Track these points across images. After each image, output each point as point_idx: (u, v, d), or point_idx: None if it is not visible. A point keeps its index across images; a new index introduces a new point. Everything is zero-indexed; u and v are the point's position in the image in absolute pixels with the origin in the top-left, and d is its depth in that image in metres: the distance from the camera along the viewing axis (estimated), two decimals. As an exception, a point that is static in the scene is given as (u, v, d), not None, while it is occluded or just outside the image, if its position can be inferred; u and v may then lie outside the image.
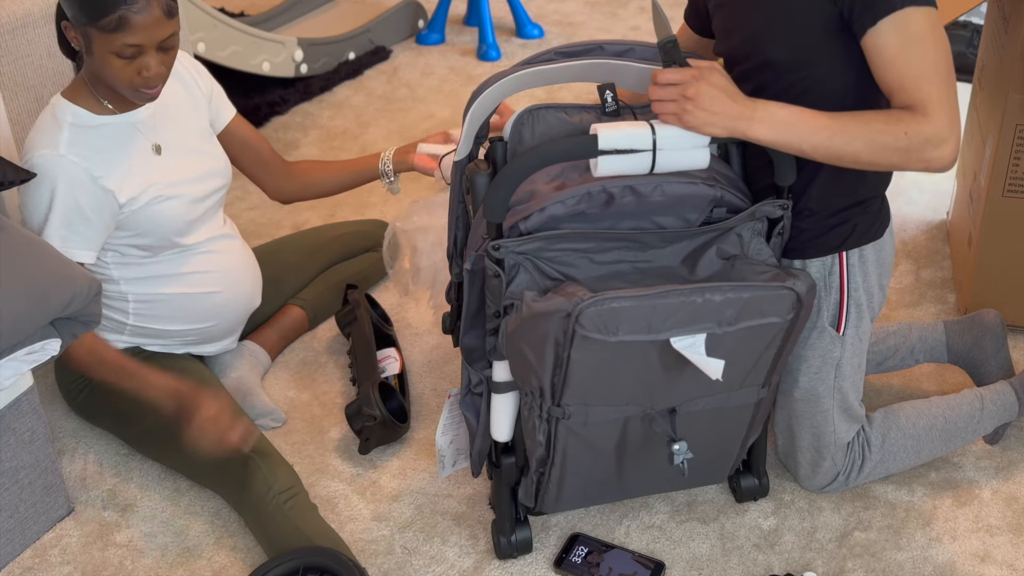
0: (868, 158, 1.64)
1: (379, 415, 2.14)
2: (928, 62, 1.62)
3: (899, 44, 1.62)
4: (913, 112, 1.62)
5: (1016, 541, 1.99)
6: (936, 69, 1.62)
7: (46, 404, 2.34)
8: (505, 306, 1.68)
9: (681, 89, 1.61)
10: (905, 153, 1.63)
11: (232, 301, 2.25)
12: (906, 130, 1.62)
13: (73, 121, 1.98)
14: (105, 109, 2.01)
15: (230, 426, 1.95)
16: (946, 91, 1.63)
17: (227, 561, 2.00)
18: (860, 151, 1.63)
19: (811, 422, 1.98)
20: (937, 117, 1.62)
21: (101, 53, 1.89)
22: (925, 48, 1.62)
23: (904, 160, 1.64)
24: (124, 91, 1.95)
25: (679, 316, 1.60)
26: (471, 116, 1.74)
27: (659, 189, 1.66)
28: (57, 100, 2.00)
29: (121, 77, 1.91)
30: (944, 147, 1.63)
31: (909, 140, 1.62)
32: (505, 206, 1.62)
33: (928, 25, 1.62)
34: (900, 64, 1.63)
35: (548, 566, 1.96)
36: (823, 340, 1.91)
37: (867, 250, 1.88)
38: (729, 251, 1.73)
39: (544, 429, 1.75)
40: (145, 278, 2.13)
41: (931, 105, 1.61)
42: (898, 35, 1.62)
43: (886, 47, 1.63)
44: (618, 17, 4.45)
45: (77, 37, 1.91)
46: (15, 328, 1.74)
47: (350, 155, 3.39)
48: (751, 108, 1.63)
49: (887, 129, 1.62)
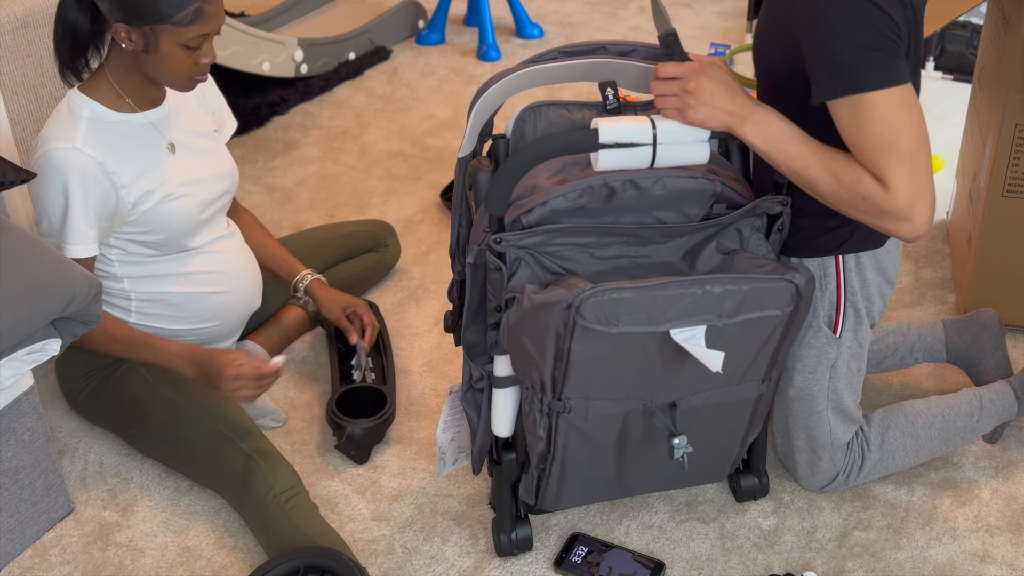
0: (832, 203, 1.64)
1: (348, 431, 2.15)
2: (885, 141, 1.55)
3: (854, 124, 1.57)
4: (875, 180, 1.58)
5: (1016, 541, 2.00)
6: (895, 148, 1.55)
7: (46, 404, 2.34)
8: (506, 300, 1.68)
9: (682, 83, 1.62)
10: (864, 215, 1.61)
11: (233, 302, 2.25)
12: (865, 195, 1.59)
13: (90, 116, 1.99)
14: (125, 106, 2.03)
15: (257, 367, 1.99)
16: (909, 170, 1.56)
17: (227, 561, 2.00)
18: (826, 194, 1.63)
19: (805, 422, 1.98)
20: (896, 195, 1.56)
21: (169, 47, 1.92)
22: (883, 127, 1.55)
23: (863, 220, 1.62)
24: (178, 82, 2.00)
25: (679, 307, 1.60)
26: (475, 114, 1.74)
27: (660, 183, 1.67)
28: (74, 94, 2.01)
29: (183, 68, 1.96)
30: (903, 223, 1.58)
31: (867, 205, 1.59)
32: (507, 200, 1.63)
33: (887, 106, 1.54)
34: (856, 139, 1.58)
35: (548, 566, 1.96)
36: (818, 340, 1.91)
37: (864, 258, 1.88)
38: (729, 246, 1.74)
39: (545, 424, 1.75)
40: (148, 276, 2.13)
41: (891, 181, 1.56)
42: (852, 114, 1.57)
43: (841, 121, 1.59)
44: (618, 17, 4.46)
45: (135, 37, 1.92)
46: (15, 328, 1.74)
47: (350, 155, 3.39)
48: (749, 109, 1.63)
49: (849, 187, 1.59)
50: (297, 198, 3.15)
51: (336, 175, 3.28)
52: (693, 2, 4.62)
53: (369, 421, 2.18)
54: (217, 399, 2.12)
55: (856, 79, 1.55)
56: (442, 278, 2.78)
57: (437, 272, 2.81)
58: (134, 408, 2.14)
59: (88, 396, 2.21)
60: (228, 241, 2.25)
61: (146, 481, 2.17)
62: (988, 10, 2.57)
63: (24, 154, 2.55)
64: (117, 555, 2.02)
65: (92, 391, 2.20)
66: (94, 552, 2.03)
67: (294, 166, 3.33)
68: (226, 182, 2.20)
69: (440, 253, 2.88)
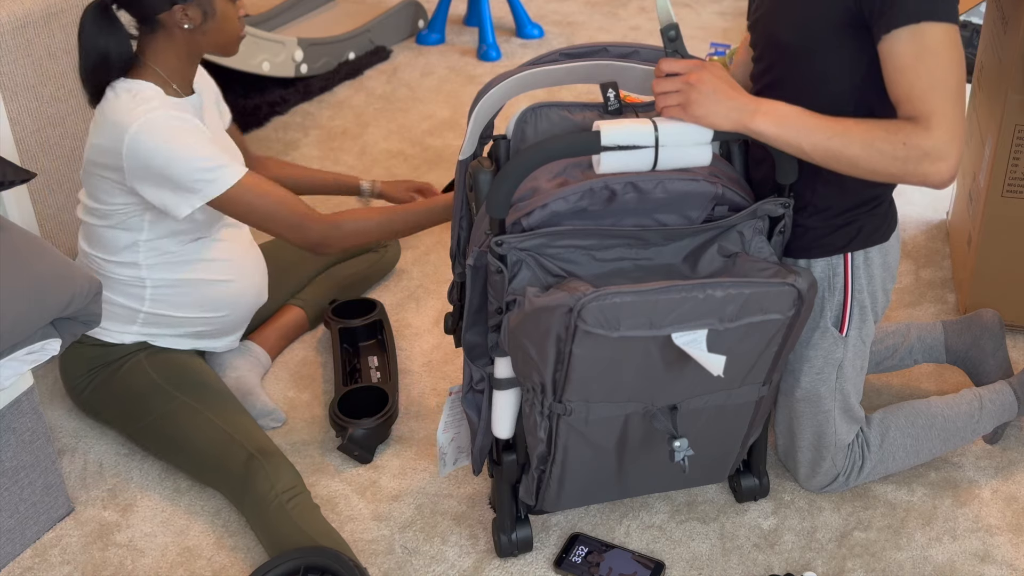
0: (866, 164, 1.64)
1: (350, 432, 2.16)
2: (938, 76, 1.60)
3: (913, 54, 1.61)
4: (916, 124, 1.61)
5: (1016, 541, 2.00)
6: (946, 85, 1.61)
7: (46, 404, 2.35)
8: (507, 302, 1.68)
9: (684, 77, 1.62)
10: (903, 163, 1.62)
11: (244, 292, 2.27)
12: (905, 140, 1.61)
13: (153, 94, 2.02)
14: (172, 92, 2.08)
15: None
16: (952, 108, 1.61)
17: (227, 561, 2.00)
18: (858, 155, 1.63)
19: (812, 422, 1.98)
20: (939, 132, 1.60)
21: (223, 7, 2.04)
22: (938, 62, 1.60)
23: (901, 171, 1.63)
24: (232, 45, 2.10)
25: (680, 312, 1.60)
26: (476, 115, 1.74)
27: (661, 186, 1.67)
28: (127, 83, 2.03)
29: (236, 26, 2.08)
30: (941, 163, 1.61)
31: (907, 151, 1.61)
32: (508, 202, 1.63)
33: (946, 40, 1.60)
34: (910, 74, 1.62)
35: (548, 566, 1.96)
36: (826, 341, 1.91)
37: (873, 252, 1.88)
38: (730, 249, 1.74)
39: (545, 426, 1.75)
40: (165, 264, 2.15)
41: (935, 119, 1.60)
42: (913, 45, 1.60)
43: (900, 55, 1.62)
44: (618, 17, 4.46)
45: (191, 13, 2.00)
46: (15, 328, 1.74)
47: (350, 155, 3.39)
48: (755, 101, 1.64)
49: (887, 137, 1.61)
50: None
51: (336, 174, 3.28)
52: (693, 2, 4.62)
53: (371, 421, 2.18)
54: (223, 397, 2.13)
55: (932, 5, 1.59)
56: (442, 278, 2.78)
57: (437, 272, 2.81)
58: (138, 404, 2.14)
59: (92, 392, 2.22)
60: (237, 230, 2.28)
61: (146, 481, 2.17)
62: (987, 10, 2.57)
63: (24, 154, 2.55)
64: (117, 555, 2.02)
65: (96, 387, 2.21)
66: (94, 552, 2.03)
67: (294, 166, 3.33)
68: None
69: (440, 253, 2.88)
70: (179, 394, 2.12)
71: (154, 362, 2.17)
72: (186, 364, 2.20)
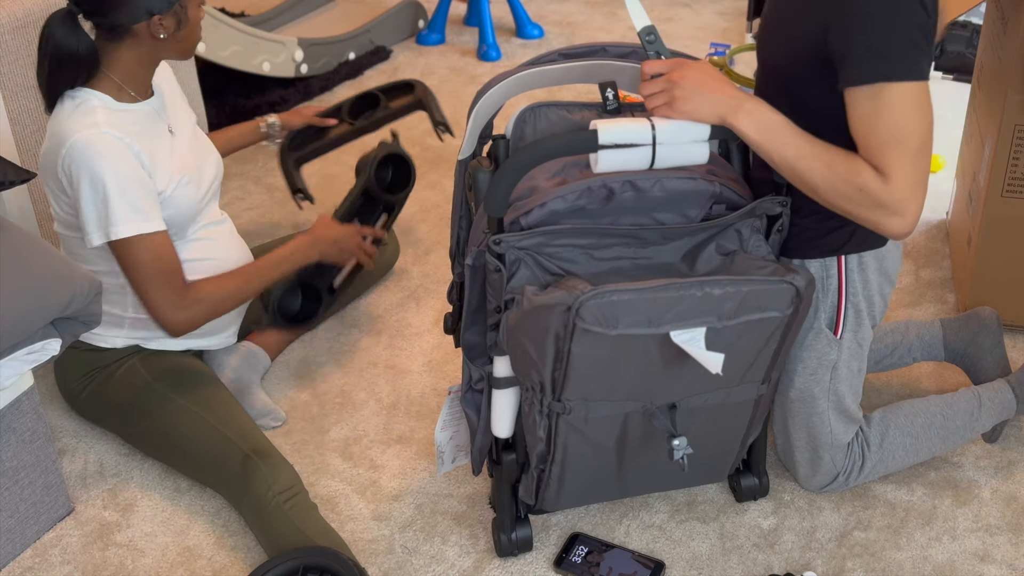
0: (823, 196, 1.64)
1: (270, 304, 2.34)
2: (896, 135, 1.58)
3: (871, 110, 1.59)
4: (876, 173, 1.60)
5: (1016, 540, 2.00)
6: (903, 143, 1.58)
7: (46, 404, 2.35)
8: (506, 301, 1.68)
9: (667, 76, 1.63)
10: (856, 207, 1.61)
11: None
12: (862, 186, 1.60)
13: (101, 104, 2.01)
14: (127, 97, 2.06)
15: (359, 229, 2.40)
16: (912, 166, 1.59)
17: (227, 561, 2.00)
18: (817, 185, 1.63)
19: (806, 423, 1.98)
20: (896, 187, 1.58)
21: (193, 12, 2.05)
22: (896, 121, 1.58)
23: (854, 213, 1.63)
24: (194, 48, 2.10)
25: (679, 309, 1.60)
26: (475, 115, 1.74)
27: (659, 185, 1.67)
28: (74, 92, 2.01)
29: (199, 30, 2.09)
30: (896, 218, 1.60)
31: (861, 197, 1.60)
32: (506, 200, 1.63)
33: (908, 99, 1.57)
34: (867, 128, 1.60)
35: (548, 566, 1.97)
36: (819, 342, 1.91)
37: (867, 257, 1.88)
38: (728, 247, 1.74)
39: (545, 425, 1.75)
40: None
41: (893, 175, 1.58)
42: (872, 103, 1.59)
43: (858, 109, 1.61)
44: (618, 17, 4.46)
45: (166, 22, 2.00)
46: (15, 328, 1.74)
47: (350, 155, 3.39)
48: (740, 98, 1.63)
49: (846, 177, 1.60)
50: (297, 198, 3.15)
51: (336, 175, 3.28)
52: (693, 2, 4.62)
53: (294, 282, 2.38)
54: (220, 397, 2.13)
55: (890, 68, 1.57)
56: (442, 278, 2.78)
57: (437, 272, 2.81)
58: (134, 408, 2.14)
59: (88, 396, 2.21)
60: (220, 228, 2.26)
61: (146, 481, 2.18)
62: (987, 10, 2.57)
63: (24, 154, 2.55)
64: (117, 555, 2.02)
65: (92, 391, 2.20)
66: (94, 552, 2.03)
67: (294, 166, 3.33)
68: (215, 168, 2.26)
69: (440, 253, 2.89)
70: (175, 396, 2.12)
71: (149, 364, 2.17)
72: (182, 365, 2.19)
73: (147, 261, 2.00)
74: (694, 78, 1.62)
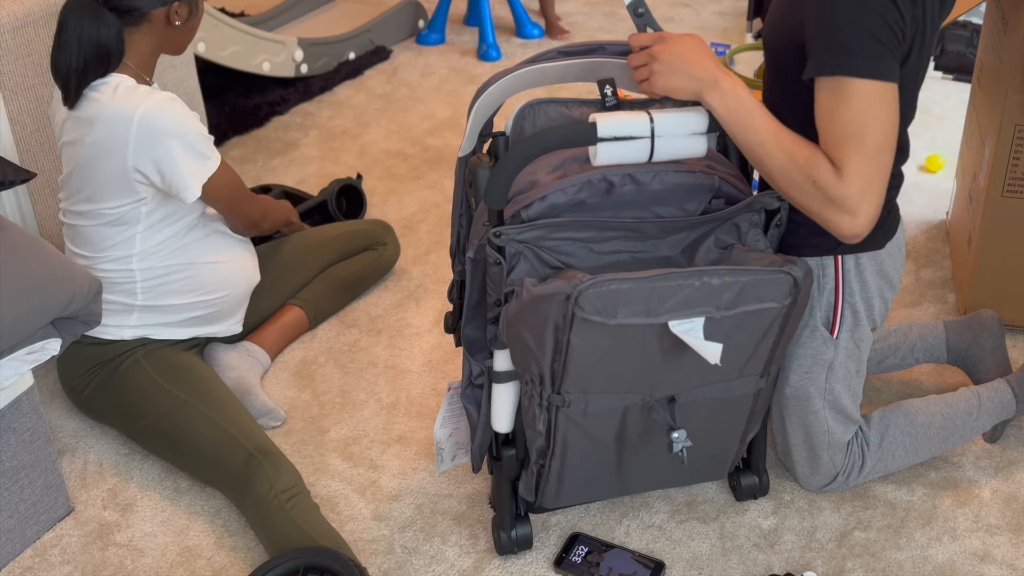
0: (779, 184, 1.64)
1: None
2: (853, 130, 1.57)
3: (830, 102, 1.59)
4: (832, 168, 1.59)
5: (1016, 541, 2.00)
6: (860, 140, 1.56)
7: (46, 404, 2.35)
8: (506, 293, 1.68)
9: (648, 50, 1.64)
10: (809, 200, 1.61)
11: (237, 270, 2.29)
12: (816, 179, 1.59)
13: (136, 84, 2.07)
14: (144, 81, 2.12)
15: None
16: (867, 165, 1.57)
17: (227, 561, 2.00)
18: (774, 173, 1.63)
19: (802, 421, 1.98)
20: (848, 184, 1.57)
21: (201, 3, 2.15)
22: (854, 117, 1.56)
23: (807, 207, 1.62)
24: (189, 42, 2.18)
25: (677, 299, 1.60)
26: (475, 113, 1.75)
27: (658, 178, 1.67)
28: (105, 79, 2.06)
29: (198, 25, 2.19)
30: (847, 216, 1.59)
31: (814, 190, 1.59)
32: (506, 193, 1.63)
33: (868, 97, 1.56)
34: (826, 120, 1.59)
35: (548, 566, 1.96)
36: (815, 340, 1.91)
37: (864, 259, 1.87)
38: (727, 241, 1.74)
39: (544, 418, 1.75)
40: (158, 253, 2.16)
41: (847, 170, 1.57)
42: (832, 94, 1.58)
43: (820, 100, 1.61)
44: (618, 17, 4.46)
45: (181, 10, 2.09)
46: (15, 328, 1.74)
47: (350, 155, 3.40)
48: (715, 77, 1.62)
49: (803, 168, 1.59)
50: (297, 198, 3.15)
51: (336, 175, 3.28)
52: (693, 2, 4.62)
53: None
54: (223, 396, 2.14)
55: (849, 61, 1.56)
56: (442, 278, 2.78)
57: (437, 272, 2.81)
58: (138, 404, 2.14)
59: (92, 392, 2.22)
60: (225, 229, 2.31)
61: (146, 481, 2.18)
62: (987, 10, 2.57)
63: (24, 154, 2.55)
64: (117, 555, 2.02)
65: (96, 387, 2.21)
66: (94, 552, 2.03)
67: (294, 166, 3.33)
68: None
69: (440, 253, 2.89)
70: (178, 393, 2.12)
71: (152, 361, 2.17)
72: (185, 363, 2.20)
73: (234, 179, 2.19)
74: (674, 51, 1.62)
